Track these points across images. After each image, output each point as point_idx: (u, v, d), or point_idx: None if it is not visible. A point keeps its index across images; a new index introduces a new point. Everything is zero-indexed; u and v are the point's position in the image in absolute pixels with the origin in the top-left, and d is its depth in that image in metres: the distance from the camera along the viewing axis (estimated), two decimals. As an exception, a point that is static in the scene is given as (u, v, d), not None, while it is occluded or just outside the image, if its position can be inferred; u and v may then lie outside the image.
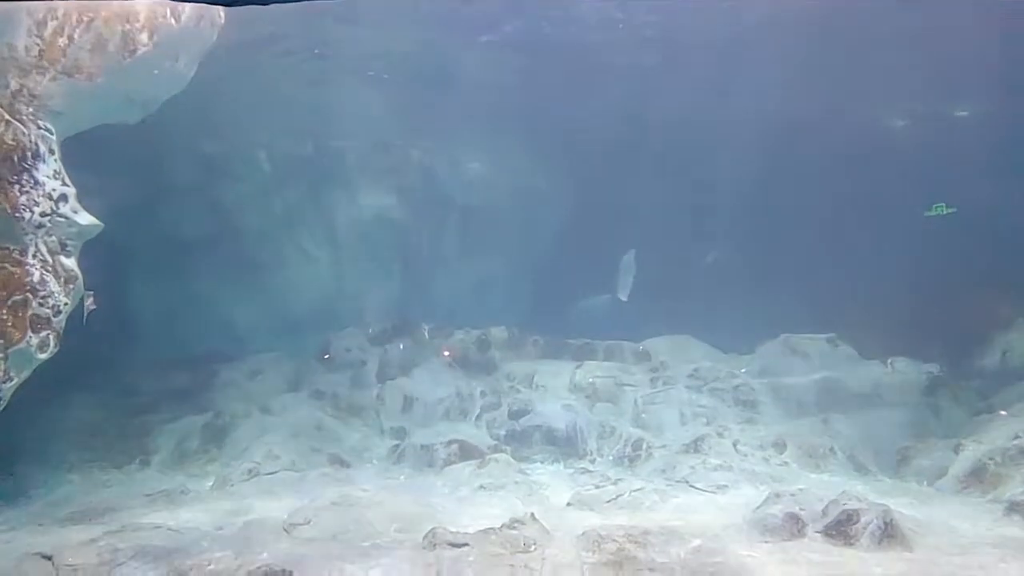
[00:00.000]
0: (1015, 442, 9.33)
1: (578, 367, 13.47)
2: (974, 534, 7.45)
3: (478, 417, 12.63)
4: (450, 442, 11.05)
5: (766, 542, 7.09)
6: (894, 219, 15.36)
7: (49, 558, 6.40)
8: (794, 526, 7.22)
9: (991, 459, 9.27)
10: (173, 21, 8.77)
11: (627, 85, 14.98)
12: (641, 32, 13.19)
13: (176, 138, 13.60)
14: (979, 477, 9.22)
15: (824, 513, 7.44)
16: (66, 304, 7.89)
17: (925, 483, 9.99)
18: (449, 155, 17.88)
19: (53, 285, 7.75)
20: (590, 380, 12.94)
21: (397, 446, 11.43)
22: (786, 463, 10.69)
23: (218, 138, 15.20)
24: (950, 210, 11.21)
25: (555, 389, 12.98)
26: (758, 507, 8.02)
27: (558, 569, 6.29)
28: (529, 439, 11.75)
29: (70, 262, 8.05)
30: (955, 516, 8.19)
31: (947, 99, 15.16)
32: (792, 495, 8.16)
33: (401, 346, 14.22)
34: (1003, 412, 10.62)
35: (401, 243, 17.79)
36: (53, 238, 7.87)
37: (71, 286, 7.99)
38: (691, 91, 14.76)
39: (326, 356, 14.44)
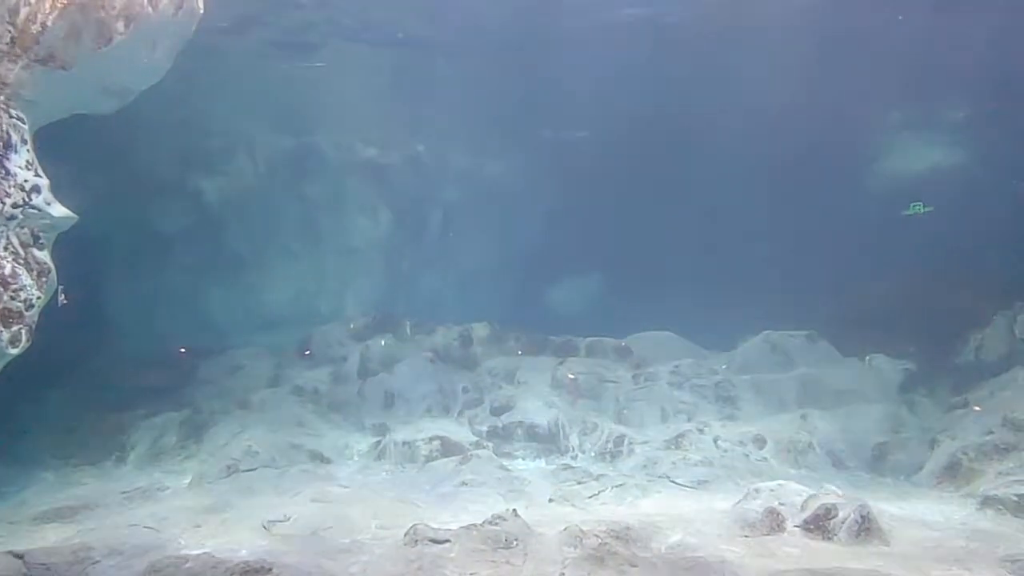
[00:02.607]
0: (988, 437, 9.51)
1: (560, 363, 13.50)
2: (948, 528, 7.58)
3: (460, 413, 12.60)
4: (432, 438, 11.00)
5: (746, 536, 7.15)
6: (873, 218, 15.57)
7: (21, 556, 6.25)
8: (773, 521, 7.28)
9: (965, 454, 9.44)
10: (151, 9, 8.57)
11: (610, 81, 14.99)
12: (622, 26, 13.20)
13: (154, 130, 13.38)
14: (954, 472, 9.38)
15: (803, 508, 7.51)
16: (39, 298, 7.70)
17: (901, 478, 10.16)
18: (433, 150, 17.78)
19: (25, 278, 7.56)
20: (572, 376, 12.97)
21: (378, 442, 11.35)
22: (766, 458, 10.79)
23: (196, 130, 14.97)
24: (927, 209, 11.40)
25: (537, 385, 12.99)
26: (738, 502, 8.08)
27: (540, 564, 6.28)
28: (511, 435, 11.74)
29: (43, 255, 7.86)
30: (930, 510, 8.32)
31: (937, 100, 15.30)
32: (771, 490, 8.22)
33: (383, 342, 14.14)
34: (977, 408, 10.80)
35: (383, 238, 17.68)
36: (25, 230, 7.68)
37: (44, 279, 7.80)
38: (674, 88, 14.82)
39: (307, 352, 14.32)
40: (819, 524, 7.12)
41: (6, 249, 7.45)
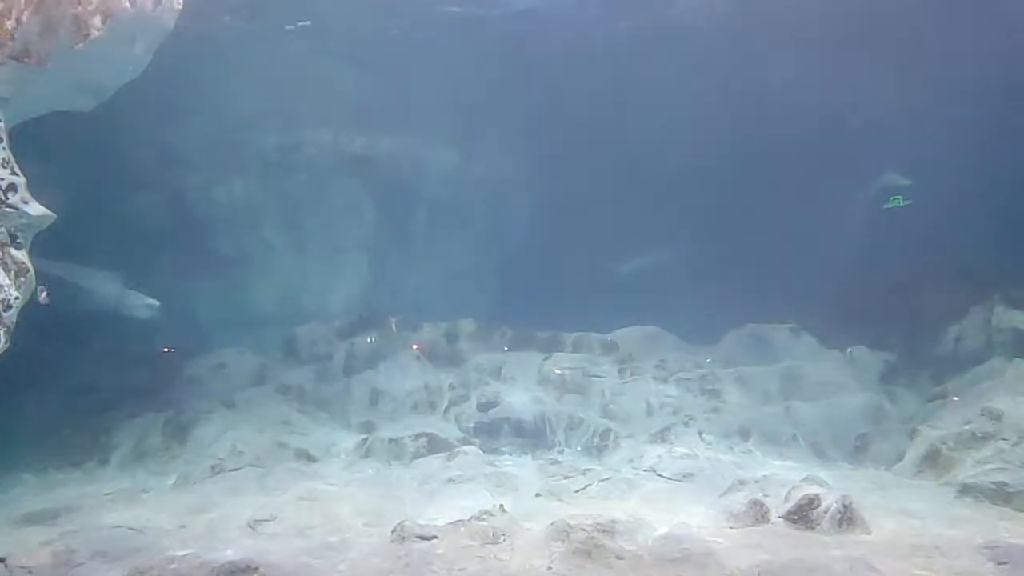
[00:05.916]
0: (967, 427, 9.66)
1: (546, 358, 13.52)
2: (929, 516, 7.70)
3: (447, 410, 12.59)
4: (418, 435, 10.99)
5: (731, 528, 7.22)
6: (854, 211, 15.71)
7: (2, 560, 6.18)
8: (758, 512, 7.36)
9: (944, 444, 9.59)
10: (128, 4, 8.46)
11: (593, 76, 15.00)
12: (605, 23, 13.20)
13: (133, 126, 13.21)
14: (933, 461, 9.53)
15: (786, 499, 7.60)
16: (17, 298, 7.59)
17: (883, 468, 10.31)
18: (417, 145, 17.68)
19: (3, 278, 7.44)
20: (558, 371, 13.01)
21: (365, 440, 11.32)
22: (750, 451, 10.92)
23: (176, 127, 14.79)
24: (907, 202, 11.54)
25: (524, 381, 13.01)
26: (723, 494, 8.17)
27: (527, 559, 6.30)
28: (498, 431, 11.76)
29: (21, 254, 7.73)
30: (911, 499, 8.45)
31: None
32: (756, 482, 8.35)
33: (369, 339, 14.09)
34: (956, 398, 10.99)
35: (368, 235, 17.57)
36: (2, 229, 7.56)
37: (22, 279, 7.68)
38: (657, 83, 14.86)
39: (292, 350, 14.22)
40: (803, 514, 7.21)
41: (-18, 249, 7.33)
